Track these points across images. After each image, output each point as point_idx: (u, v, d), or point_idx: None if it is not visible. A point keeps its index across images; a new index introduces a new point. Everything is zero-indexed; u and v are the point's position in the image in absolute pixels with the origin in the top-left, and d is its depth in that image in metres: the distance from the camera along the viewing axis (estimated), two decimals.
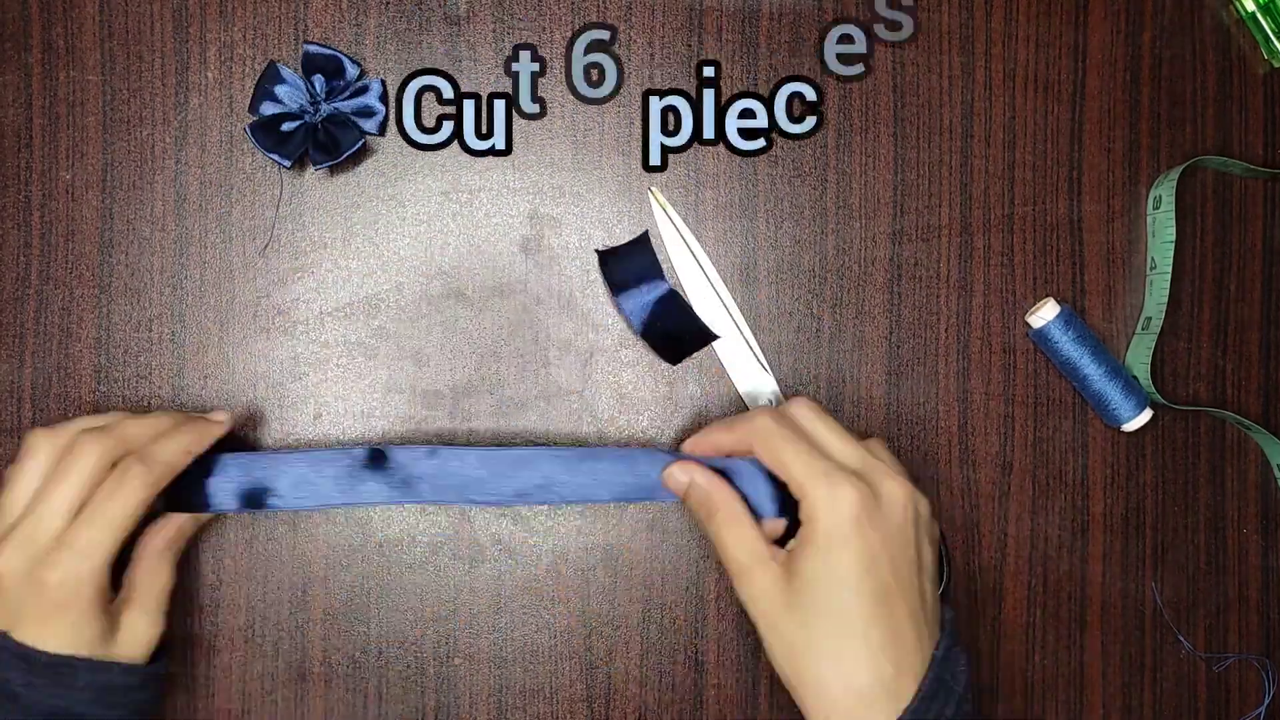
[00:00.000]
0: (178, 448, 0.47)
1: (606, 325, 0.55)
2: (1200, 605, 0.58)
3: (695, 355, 0.55)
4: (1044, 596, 0.57)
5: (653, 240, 0.54)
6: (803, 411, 0.48)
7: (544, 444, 0.55)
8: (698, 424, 0.55)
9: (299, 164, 0.55)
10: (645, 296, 0.53)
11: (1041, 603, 0.57)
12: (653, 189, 0.55)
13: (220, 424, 0.50)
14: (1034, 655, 0.57)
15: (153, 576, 0.48)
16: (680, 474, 0.48)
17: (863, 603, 0.43)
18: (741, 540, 0.46)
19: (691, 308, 0.54)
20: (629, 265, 0.54)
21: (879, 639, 0.43)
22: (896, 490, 0.45)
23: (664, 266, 0.55)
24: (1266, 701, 0.58)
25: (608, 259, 0.54)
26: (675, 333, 0.54)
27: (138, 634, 0.47)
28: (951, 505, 0.56)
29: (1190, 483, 0.58)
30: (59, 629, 0.44)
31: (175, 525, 0.49)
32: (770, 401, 0.55)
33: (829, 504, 0.44)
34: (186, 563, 0.54)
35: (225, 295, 0.55)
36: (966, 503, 0.56)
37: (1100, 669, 0.57)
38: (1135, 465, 0.57)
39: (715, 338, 0.54)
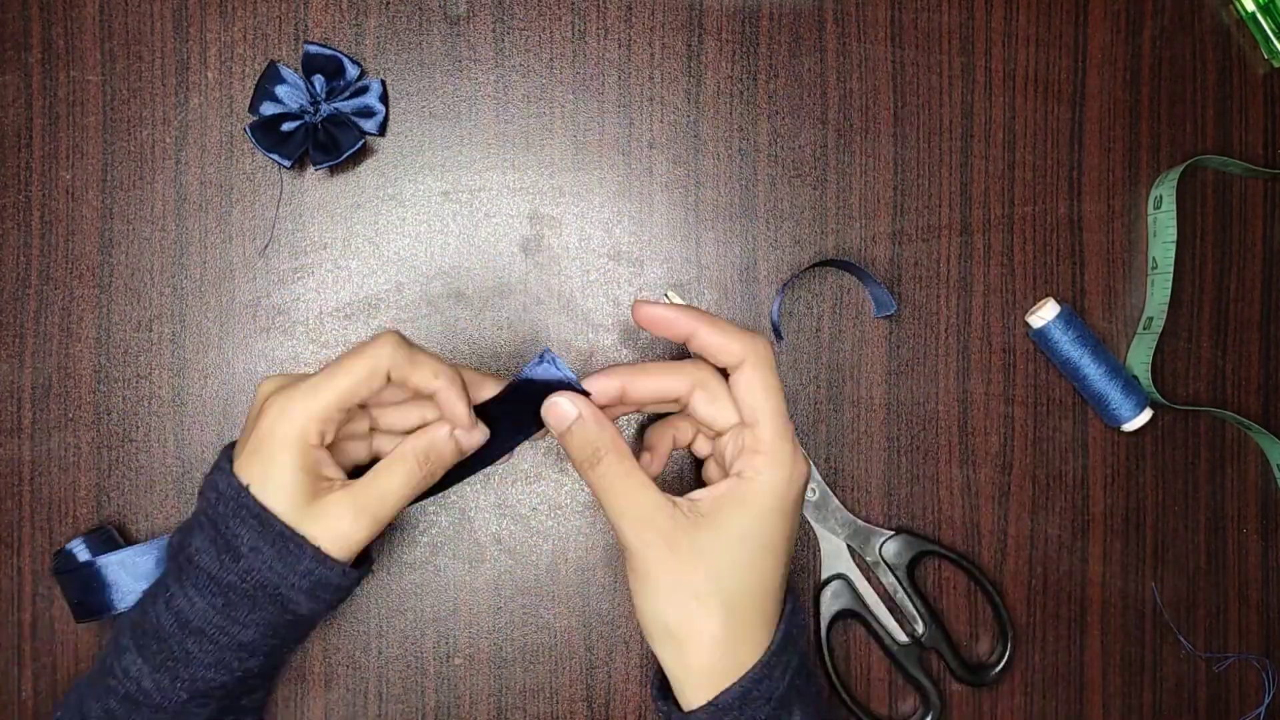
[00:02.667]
0: (434, 365, 0.44)
1: (606, 325, 0.55)
2: (1200, 605, 0.58)
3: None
4: (1044, 596, 0.57)
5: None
6: (765, 348, 0.45)
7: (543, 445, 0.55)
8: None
9: (299, 164, 0.55)
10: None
11: (1041, 603, 0.57)
12: (669, 292, 0.55)
13: (475, 433, 0.46)
14: (1034, 655, 0.57)
15: (380, 475, 0.44)
16: (568, 406, 0.44)
17: (774, 567, 0.44)
18: (636, 489, 0.43)
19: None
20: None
21: (770, 602, 0.44)
22: (806, 468, 0.45)
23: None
24: (1266, 701, 0.58)
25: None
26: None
27: (335, 520, 0.43)
28: (951, 505, 0.56)
29: (1190, 483, 0.58)
30: (255, 462, 0.43)
31: (431, 439, 0.45)
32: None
33: (787, 475, 0.44)
34: None
35: (225, 295, 0.55)
36: (966, 503, 0.56)
37: (1100, 669, 0.57)
38: (1135, 465, 0.57)
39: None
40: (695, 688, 0.43)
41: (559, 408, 0.45)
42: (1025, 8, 0.57)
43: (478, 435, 0.46)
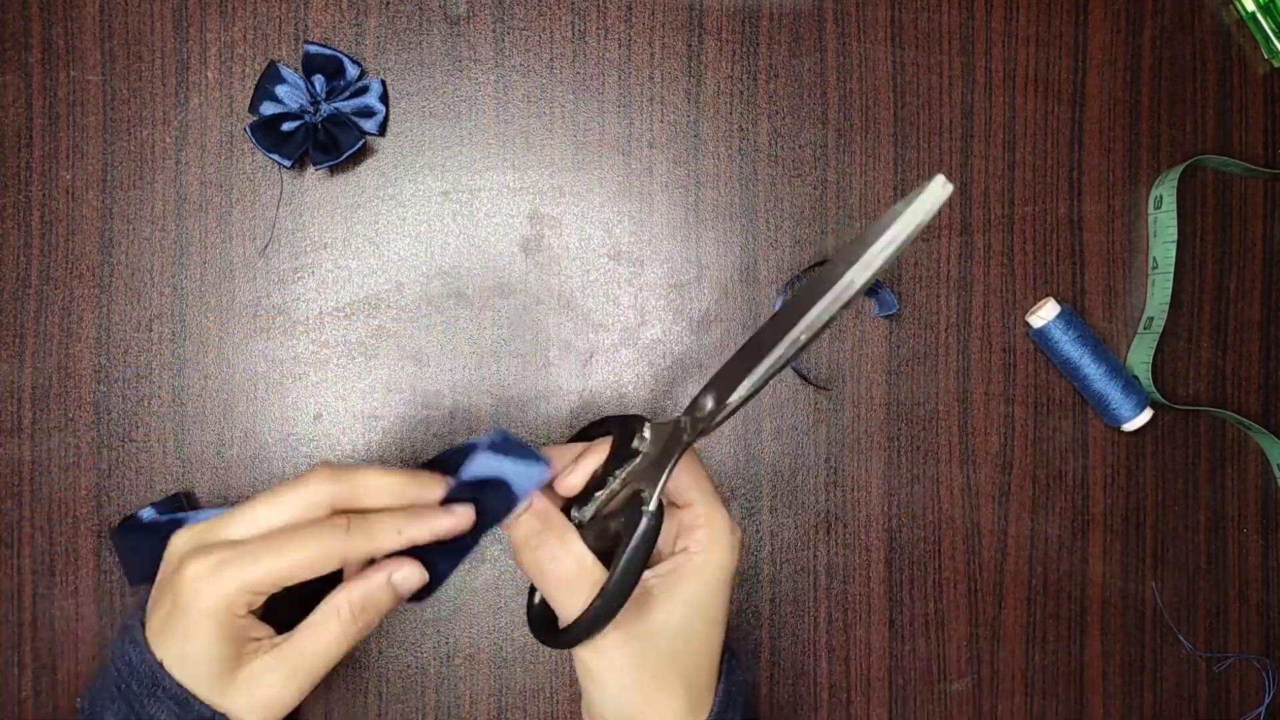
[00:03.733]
0: (393, 530, 0.41)
1: (606, 325, 0.55)
2: (1200, 605, 0.58)
3: (695, 356, 0.55)
4: (1044, 596, 0.57)
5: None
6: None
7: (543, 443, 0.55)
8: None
9: (299, 164, 0.55)
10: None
11: (1041, 603, 0.57)
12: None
13: (455, 521, 0.42)
14: (1034, 655, 0.57)
15: (315, 634, 0.41)
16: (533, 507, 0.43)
17: (719, 635, 0.45)
18: (580, 579, 0.42)
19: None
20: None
21: (711, 665, 0.45)
22: (740, 535, 0.46)
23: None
24: (1266, 701, 0.58)
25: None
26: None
27: (260, 686, 0.40)
28: (951, 505, 0.56)
29: (1190, 483, 0.58)
30: (173, 630, 0.39)
31: (366, 588, 0.41)
32: None
33: (729, 545, 0.44)
34: None
35: (225, 295, 0.55)
36: (966, 503, 0.56)
37: (1100, 669, 0.57)
38: (1135, 465, 0.57)
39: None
40: None
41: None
42: (1025, 8, 0.57)
43: (415, 575, 0.42)
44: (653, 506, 0.41)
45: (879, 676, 0.56)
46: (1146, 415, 0.56)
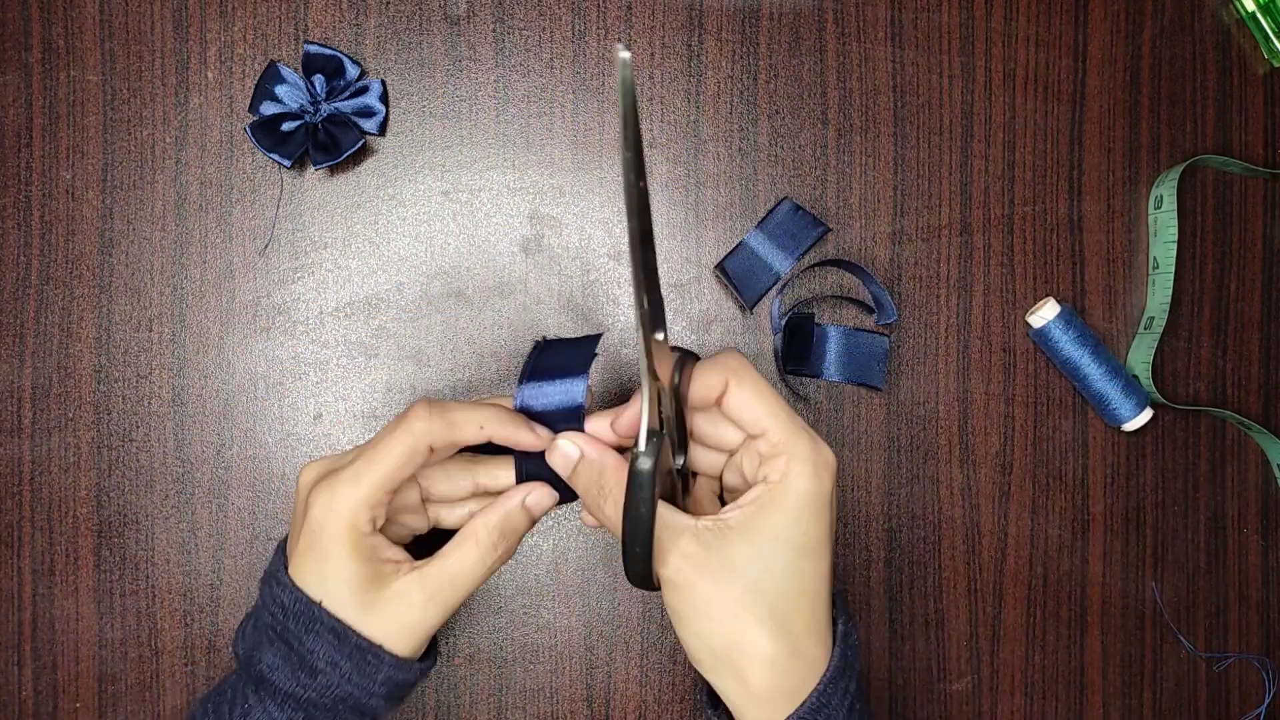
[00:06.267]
0: (475, 416, 0.43)
1: (606, 325, 0.55)
2: (1200, 605, 0.58)
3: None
4: (1044, 596, 0.57)
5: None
6: (739, 361, 0.43)
7: None
8: None
9: (299, 164, 0.55)
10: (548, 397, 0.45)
11: (1041, 603, 0.57)
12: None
13: (538, 440, 0.44)
14: (1034, 655, 0.57)
15: (453, 556, 0.43)
16: (569, 448, 0.43)
17: (815, 570, 0.41)
18: (613, 515, 0.42)
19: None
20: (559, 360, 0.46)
21: (812, 606, 0.41)
22: (832, 456, 0.42)
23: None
24: (1266, 701, 0.58)
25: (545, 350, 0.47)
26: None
27: (404, 605, 0.42)
28: (951, 505, 0.56)
29: (1190, 483, 0.58)
30: (309, 559, 0.42)
31: (503, 512, 0.44)
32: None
33: (814, 469, 0.41)
34: (187, 561, 0.54)
35: (225, 295, 0.55)
36: (966, 503, 0.56)
37: (1100, 669, 0.57)
38: (1135, 465, 0.57)
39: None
40: (757, 715, 0.41)
41: (559, 452, 0.43)
42: (1025, 8, 0.57)
43: (547, 498, 0.45)
44: (642, 447, 0.38)
45: (879, 676, 0.56)
46: (1146, 415, 0.56)
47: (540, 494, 0.45)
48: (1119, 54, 0.57)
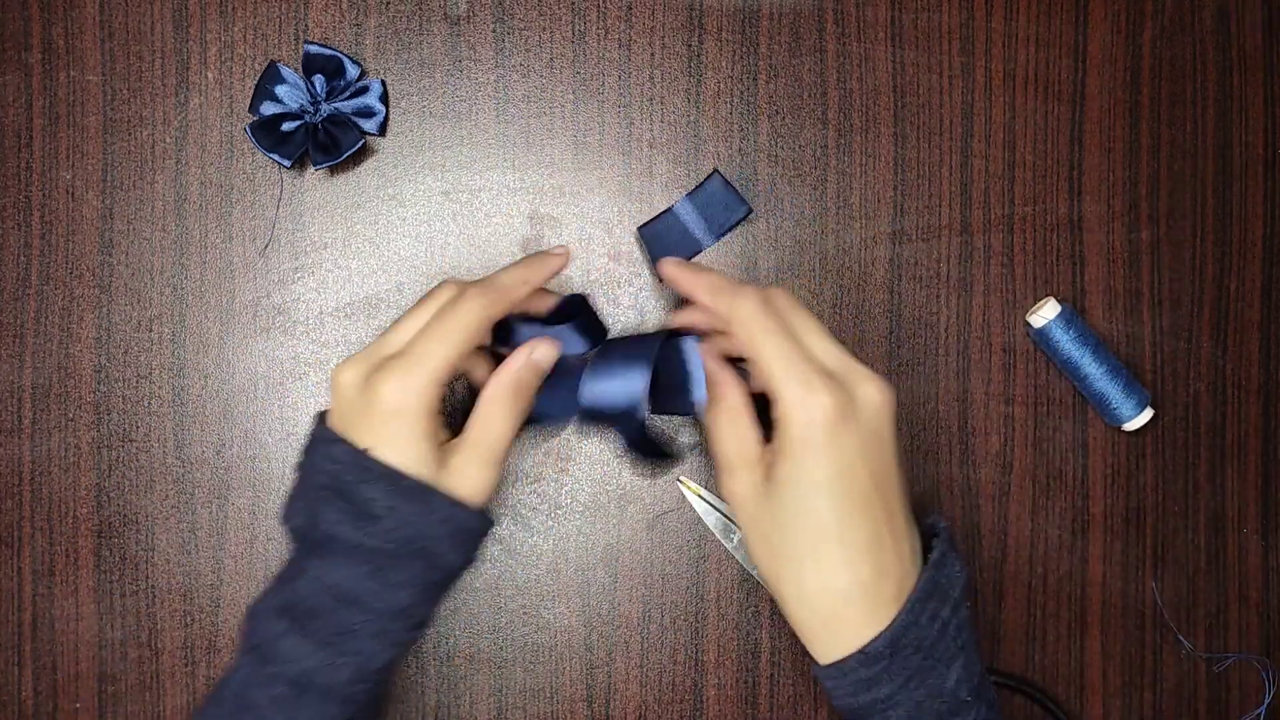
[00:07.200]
0: (515, 276, 0.48)
1: (606, 325, 0.55)
2: (1200, 605, 0.58)
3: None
4: (1044, 596, 0.57)
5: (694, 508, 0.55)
6: (784, 302, 0.47)
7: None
8: (699, 426, 0.55)
9: (299, 164, 0.55)
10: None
11: (1041, 603, 0.57)
12: (682, 479, 0.55)
13: (559, 257, 0.50)
14: (1034, 655, 0.57)
15: (486, 422, 0.46)
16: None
17: (837, 508, 0.43)
18: (735, 437, 0.46)
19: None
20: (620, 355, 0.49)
21: (855, 542, 0.43)
22: (874, 394, 0.44)
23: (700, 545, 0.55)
24: (1266, 701, 0.58)
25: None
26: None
27: (466, 475, 0.45)
28: (951, 505, 0.56)
29: (1190, 483, 0.58)
30: (386, 439, 0.43)
31: (511, 372, 0.47)
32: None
33: (803, 410, 0.43)
34: (187, 561, 0.54)
35: (225, 295, 0.55)
36: (966, 503, 0.56)
37: (1100, 669, 0.57)
38: (1135, 465, 0.57)
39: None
40: (828, 644, 0.44)
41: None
42: (1025, 8, 0.57)
43: (549, 349, 0.47)
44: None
45: None
46: (1146, 415, 0.56)
47: (544, 349, 0.47)
48: (1119, 54, 0.57)
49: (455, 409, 0.50)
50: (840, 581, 0.43)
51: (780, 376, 0.44)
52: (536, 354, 0.47)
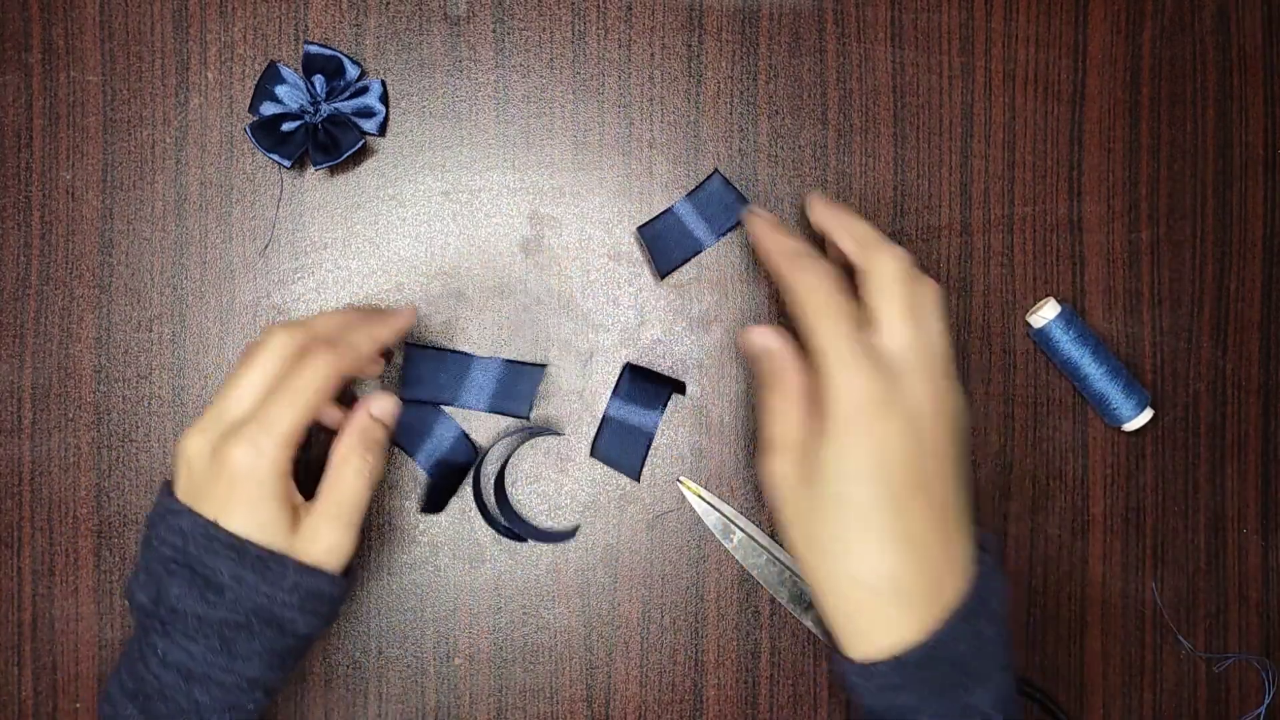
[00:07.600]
0: (365, 335, 0.47)
1: (606, 325, 0.56)
2: (1200, 605, 0.58)
3: (695, 356, 0.56)
4: (1044, 596, 0.57)
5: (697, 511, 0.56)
6: (890, 268, 0.45)
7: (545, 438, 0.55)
8: (698, 426, 0.55)
9: (299, 164, 0.55)
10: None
11: (1041, 603, 0.57)
12: (682, 480, 0.55)
13: (407, 316, 0.50)
14: (1034, 655, 0.57)
15: (337, 482, 0.45)
16: (763, 339, 0.47)
17: (872, 496, 0.42)
18: (783, 420, 0.45)
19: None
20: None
21: (891, 534, 0.42)
22: (923, 388, 0.43)
23: (700, 545, 0.55)
24: (1266, 701, 0.58)
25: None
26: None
27: (319, 538, 0.44)
28: None
29: (1190, 483, 0.58)
30: (235, 508, 0.43)
31: (358, 429, 0.46)
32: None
33: (844, 391, 0.42)
34: None
35: (225, 295, 0.55)
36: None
37: (1100, 669, 0.57)
38: (1135, 465, 0.57)
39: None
40: (856, 638, 0.43)
41: (759, 336, 0.47)
42: (1025, 8, 0.57)
43: (389, 402, 0.47)
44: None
45: None
46: (1146, 415, 0.56)
47: (383, 402, 0.47)
48: (1119, 54, 0.57)
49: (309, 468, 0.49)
50: (870, 574, 0.42)
51: (825, 353, 0.43)
52: (375, 409, 0.47)
